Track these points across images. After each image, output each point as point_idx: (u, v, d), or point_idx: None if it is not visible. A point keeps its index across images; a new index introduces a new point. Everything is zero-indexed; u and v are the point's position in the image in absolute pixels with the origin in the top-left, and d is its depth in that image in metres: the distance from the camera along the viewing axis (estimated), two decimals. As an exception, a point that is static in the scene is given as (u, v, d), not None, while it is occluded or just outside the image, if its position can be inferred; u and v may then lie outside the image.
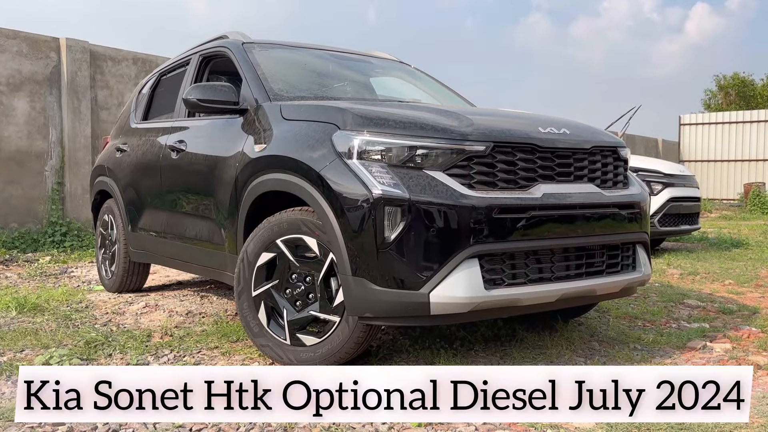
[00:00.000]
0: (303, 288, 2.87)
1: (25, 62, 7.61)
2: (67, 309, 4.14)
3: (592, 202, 2.97)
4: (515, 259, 2.72)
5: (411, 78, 4.63)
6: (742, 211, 15.37)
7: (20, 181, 7.52)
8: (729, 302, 4.49)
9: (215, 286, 4.99)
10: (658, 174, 7.42)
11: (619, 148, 3.24)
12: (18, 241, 7.11)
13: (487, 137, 2.73)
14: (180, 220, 3.93)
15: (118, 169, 4.70)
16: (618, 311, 4.14)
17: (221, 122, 3.59)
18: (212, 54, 4.09)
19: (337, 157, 2.73)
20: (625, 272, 3.12)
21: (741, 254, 7.19)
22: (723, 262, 6.54)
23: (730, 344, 3.37)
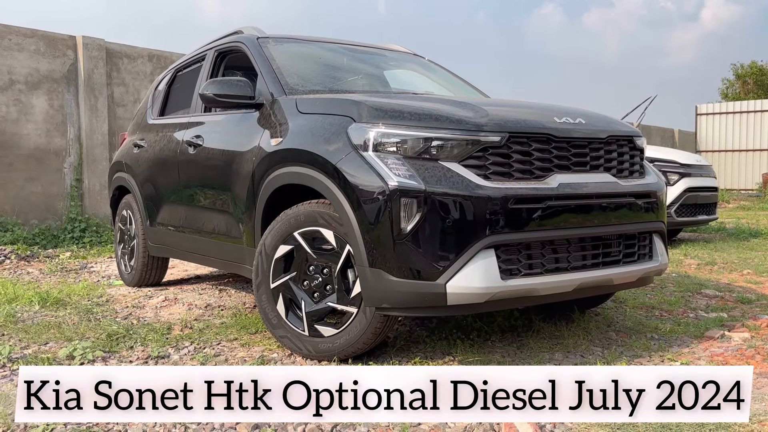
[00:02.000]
0: (320, 280, 2.89)
1: (43, 60, 7.69)
2: (89, 303, 4.19)
3: (609, 191, 2.95)
4: (531, 249, 2.71)
5: (425, 70, 4.62)
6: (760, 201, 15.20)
7: (40, 179, 7.62)
8: (747, 292, 4.45)
9: (233, 279, 5.03)
10: (674, 164, 7.37)
11: (635, 138, 3.22)
12: (38, 238, 7.20)
13: (502, 128, 2.72)
14: (198, 214, 3.97)
15: (136, 164, 4.75)
16: (635, 301, 4.13)
17: (237, 117, 3.61)
18: (227, 49, 4.11)
19: (352, 149, 2.73)
20: (642, 261, 3.11)
21: (759, 244, 7.12)
22: (741, 252, 6.48)
23: (748, 333, 3.34)
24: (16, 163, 7.43)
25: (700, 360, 2.93)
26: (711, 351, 3.06)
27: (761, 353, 3.00)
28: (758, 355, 2.97)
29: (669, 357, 2.96)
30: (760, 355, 2.98)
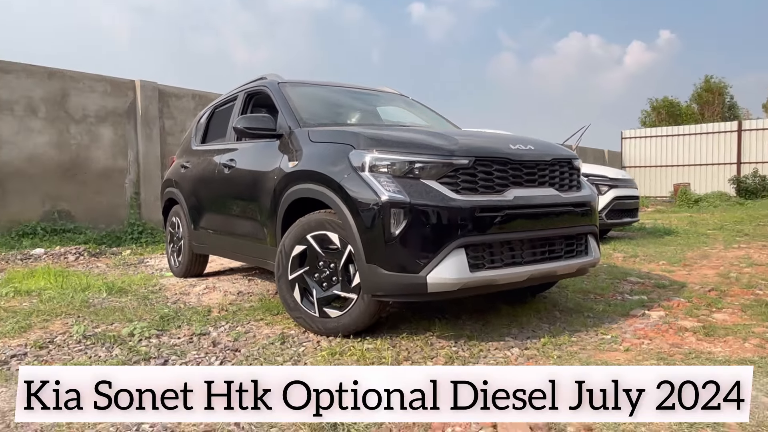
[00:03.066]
0: (328, 272, 2.88)
1: (109, 99, 7.67)
2: (145, 291, 4.17)
3: (552, 202, 2.96)
4: (493, 248, 2.71)
5: (409, 106, 4.62)
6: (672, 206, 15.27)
7: (106, 192, 7.60)
8: (662, 279, 4.47)
9: (259, 272, 5.02)
10: (605, 178, 7.40)
11: (573, 160, 3.23)
12: (105, 239, 7.17)
13: (469, 153, 2.73)
14: (231, 220, 3.95)
15: (183, 181, 4.73)
16: (574, 287, 4.13)
17: (262, 144, 3.61)
18: (254, 91, 4.11)
19: (353, 170, 2.73)
20: (580, 256, 3.11)
21: (672, 240, 7.16)
22: (657, 246, 6.52)
23: (663, 312, 3.36)
24: (88, 181, 7.41)
25: (626, 333, 2.93)
26: (635, 326, 3.07)
27: (673, 328, 3.02)
28: (671, 330, 2.99)
29: (602, 332, 2.96)
30: (673, 329, 3.00)
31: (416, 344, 2.74)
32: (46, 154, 7.07)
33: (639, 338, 2.85)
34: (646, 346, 2.70)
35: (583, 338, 2.85)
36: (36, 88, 7.01)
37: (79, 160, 7.33)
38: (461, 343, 2.76)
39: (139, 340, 2.87)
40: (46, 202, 7.05)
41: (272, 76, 4.05)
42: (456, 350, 2.65)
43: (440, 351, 2.63)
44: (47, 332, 3.00)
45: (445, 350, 2.64)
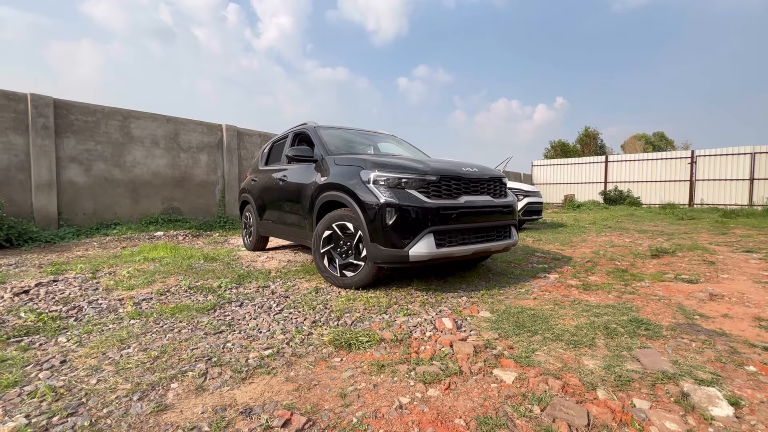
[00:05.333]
0: (345, 248, 2.87)
1: (205, 137, 7.57)
2: (228, 259, 4.12)
3: (489, 205, 2.94)
4: (451, 233, 2.70)
5: (397, 143, 4.58)
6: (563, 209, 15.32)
7: (203, 196, 7.50)
8: (557, 255, 4.46)
9: (301, 248, 4.99)
10: (522, 190, 7.38)
11: (502, 178, 3.22)
12: (202, 226, 7.06)
13: (437, 173, 2.72)
14: (284, 215, 3.92)
15: (252, 190, 4.67)
16: (502, 259, 4.11)
17: (304, 166, 3.57)
18: (299, 132, 4.06)
19: (362, 183, 2.72)
20: (506, 239, 3.10)
21: (563, 230, 7.17)
22: (554, 234, 6.53)
23: (557, 275, 3.35)
24: (191, 188, 7.31)
25: (534, 288, 2.91)
26: (539, 284, 3.05)
27: (564, 285, 3.01)
28: (562, 286, 2.98)
29: (519, 287, 2.95)
30: (563, 286, 2.99)
31: (401, 294, 2.72)
32: (164, 171, 6.98)
33: (542, 291, 2.85)
34: (546, 297, 2.70)
35: (507, 291, 2.85)
36: (158, 129, 6.91)
37: (186, 175, 7.23)
38: (430, 293, 2.75)
39: (225, 290, 2.85)
40: (164, 202, 6.97)
41: (310, 122, 4.01)
42: (426, 298, 2.64)
43: (417, 298, 2.62)
44: (165, 285, 2.97)
45: (419, 298, 2.63)
